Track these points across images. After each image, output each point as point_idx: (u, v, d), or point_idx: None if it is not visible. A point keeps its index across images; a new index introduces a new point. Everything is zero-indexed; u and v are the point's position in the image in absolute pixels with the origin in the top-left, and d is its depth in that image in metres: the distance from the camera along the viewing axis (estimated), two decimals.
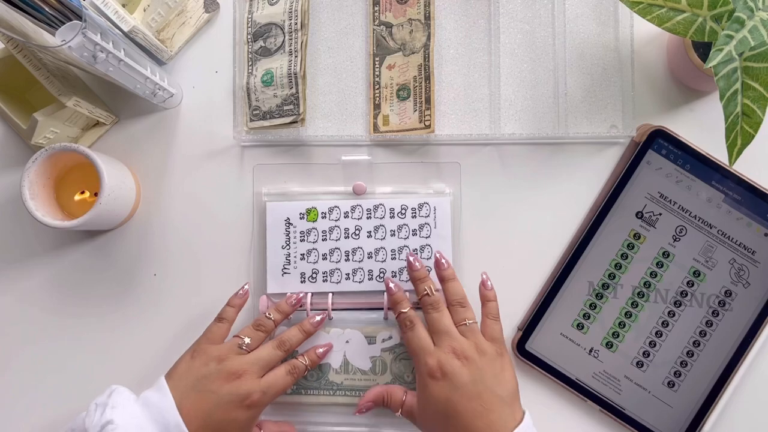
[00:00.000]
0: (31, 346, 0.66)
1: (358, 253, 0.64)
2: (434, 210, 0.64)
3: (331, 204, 0.64)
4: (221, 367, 0.55)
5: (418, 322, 0.58)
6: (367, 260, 0.64)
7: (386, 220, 0.64)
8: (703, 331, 0.63)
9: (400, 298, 0.60)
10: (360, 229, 0.64)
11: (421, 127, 0.64)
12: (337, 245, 0.64)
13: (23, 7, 0.50)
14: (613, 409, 0.62)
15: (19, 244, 0.66)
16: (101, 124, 0.67)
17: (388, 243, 0.64)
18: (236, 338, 0.58)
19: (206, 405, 0.54)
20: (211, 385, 0.54)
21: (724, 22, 0.52)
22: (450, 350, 0.56)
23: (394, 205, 0.64)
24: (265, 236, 0.64)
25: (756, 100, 0.52)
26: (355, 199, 0.64)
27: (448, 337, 0.57)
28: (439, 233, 0.63)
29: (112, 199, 0.60)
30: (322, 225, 0.64)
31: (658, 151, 0.64)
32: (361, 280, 0.64)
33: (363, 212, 0.64)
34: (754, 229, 0.63)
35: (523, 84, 0.66)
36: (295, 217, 0.64)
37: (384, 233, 0.64)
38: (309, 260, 0.64)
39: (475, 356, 0.56)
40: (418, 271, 0.61)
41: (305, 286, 0.64)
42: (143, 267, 0.66)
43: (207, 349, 0.57)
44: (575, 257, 0.64)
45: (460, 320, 0.58)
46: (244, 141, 0.67)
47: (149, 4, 0.65)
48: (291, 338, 0.59)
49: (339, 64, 0.67)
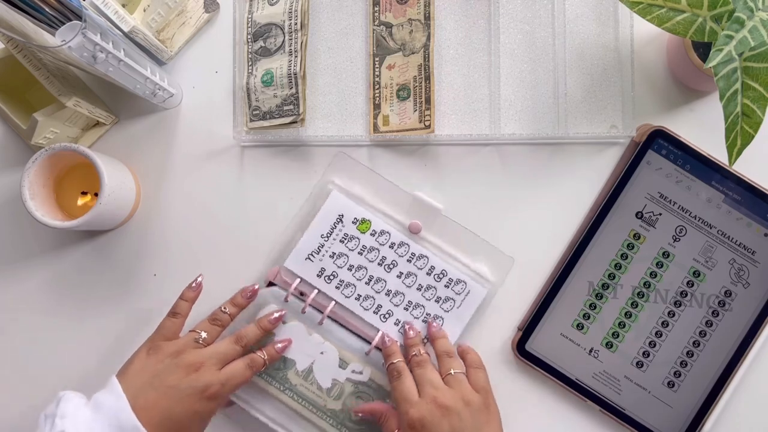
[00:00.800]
0: (31, 347, 0.65)
1: (380, 284, 0.63)
2: (467, 293, 0.63)
3: (386, 227, 0.64)
4: (178, 360, 0.55)
5: (406, 373, 0.58)
6: (384, 296, 0.63)
7: (422, 273, 0.63)
8: (703, 331, 0.63)
9: (394, 350, 0.61)
10: (395, 265, 0.63)
11: (421, 127, 0.64)
12: (367, 265, 0.64)
13: (23, 7, 0.50)
14: (613, 409, 0.62)
15: (18, 244, 0.66)
16: (101, 124, 0.67)
17: (411, 293, 0.63)
18: (192, 333, 0.58)
19: (165, 402, 0.53)
20: (169, 380, 0.54)
21: (724, 22, 0.52)
22: (432, 400, 0.55)
23: (436, 264, 0.63)
24: (313, 217, 0.64)
25: (756, 100, 0.52)
26: (408, 236, 0.64)
27: (432, 388, 0.56)
28: (458, 315, 0.63)
29: (112, 199, 0.60)
30: (367, 240, 0.64)
31: (658, 151, 0.64)
32: (368, 309, 0.63)
33: (407, 252, 0.63)
34: (754, 229, 0.63)
35: (523, 84, 0.66)
36: (348, 218, 0.64)
37: (413, 282, 0.63)
38: (336, 262, 0.64)
39: (459, 407, 0.55)
40: (412, 338, 0.61)
41: (318, 281, 0.63)
42: (143, 267, 0.66)
43: (162, 346, 0.56)
44: (575, 257, 0.64)
45: (446, 370, 0.58)
46: (244, 141, 0.67)
47: (149, 4, 0.65)
48: (248, 334, 0.59)
49: (339, 64, 0.67)
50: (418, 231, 0.63)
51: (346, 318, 0.63)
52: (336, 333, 0.63)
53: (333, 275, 0.64)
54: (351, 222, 0.64)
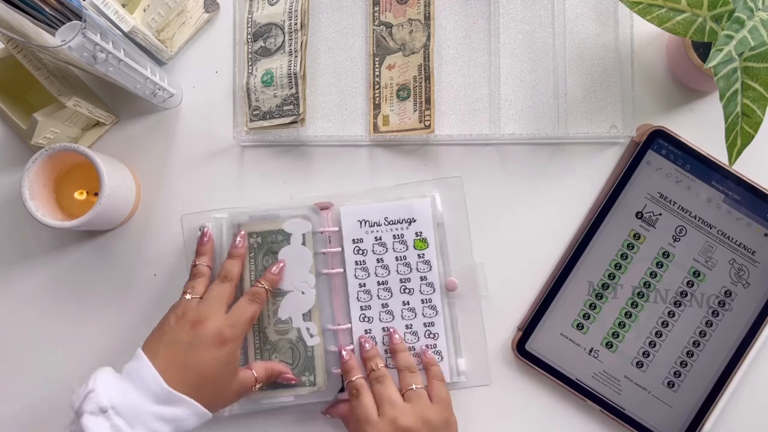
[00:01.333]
0: (30, 347, 0.65)
1: (385, 294, 0.63)
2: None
3: (433, 263, 0.63)
4: (183, 320, 0.56)
5: (365, 391, 0.59)
6: (379, 306, 0.63)
7: (420, 323, 0.63)
8: (703, 332, 0.63)
9: (353, 365, 0.61)
10: (410, 294, 0.63)
11: (421, 127, 0.64)
12: (391, 273, 0.63)
13: (23, 8, 0.50)
14: (613, 409, 0.62)
15: (18, 244, 0.66)
16: (101, 124, 0.67)
17: (398, 324, 0.63)
18: (183, 294, 0.59)
19: (179, 356, 0.54)
20: (179, 337, 0.55)
21: (724, 22, 0.52)
22: (392, 421, 0.55)
23: (438, 330, 0.63)
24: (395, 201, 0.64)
25: (756, 100, 0.52)
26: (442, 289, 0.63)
27: (391, 407, 0.56)
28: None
29: (112, 199, 0.60)
30: (411, 256, 0.63)
31: (658, 151, 0.64)
32: (359, 301, 0.63)
33: (428, 299, 0.63)
34: (754, 229, 0.63)
35: (523, 84, 0.66)
36: (417, 227, 0.63)
37: (409, 318, 0.63)
38: (374, 246, 0.63)
39: (418, 426, 0.56)
40: (368, 351, 0.62)
41: (349, 245, 0.63)
42: (143, 267, 0.66)
43: (168, 316, 0.58)
44: (575, 257, 0.64)
45: (407, 385, 0.59)
46: (244, 141, 0.67)
47: (149, 4, 0.65)
48: (230, 268, 0.60)
49: (339, 64, 0.67)
50: (453, 289, 0.63)
51: (338, 290, 0.63)
52: (324, 292, 0.63)
53: (363, 252, 0.63)
54: (415, 232, 0.63)
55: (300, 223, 0.63)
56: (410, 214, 0.63)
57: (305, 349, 0.62)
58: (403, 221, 0.64)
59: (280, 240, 0.63)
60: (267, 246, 0.63)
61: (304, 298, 0.62)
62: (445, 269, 0.64)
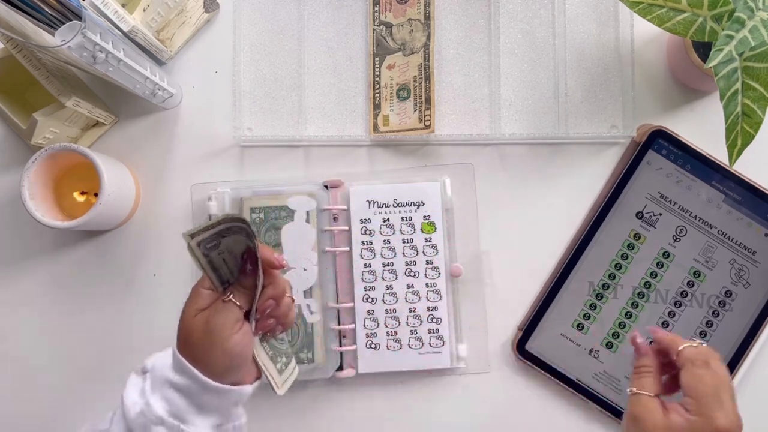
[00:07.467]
0: (30, 347, 0.65)
1: (390, 276, 0.63)
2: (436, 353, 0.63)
3: (440, 247, 0.63)
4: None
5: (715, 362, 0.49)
6: (383, 287, 0.63)
7: (423, 307, 0.63)
8: (703, 332, 0.63)
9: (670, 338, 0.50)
10: (415, 277, 0.63)
11: (421, 127, 0.64)
12: (397, 255, 0.63)
13: (23, 8, 0.50)
14: (613, 409, 0.62)
15: (18, 244, 0.66)
16: (101, 124, 0.67)
17: (400, 308, 0.63)
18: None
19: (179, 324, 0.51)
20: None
21: (724, 22, 0.52)
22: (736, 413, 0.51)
23: (441, 314, 0.63)
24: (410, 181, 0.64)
25: (756, 100, 0.52)
26: (447, 275, 0.64)
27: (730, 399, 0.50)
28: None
29: (112, 199, 0.60)
30: (418, 239, 0.63)
31: (659, 151, 0.64)
32: (363, 281, 0.63)
33: (433, 283, 0.63)
34: (754, 229, 0.63)
35: (523, 84, 0.66)
36: (425, 210, 0.63)
37: (412, 302, 0.63)
38: (382, 227, 0.63)
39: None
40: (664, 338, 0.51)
41: (357, 224, 0.63)
42: (143, 267, 0.66)
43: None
44: (575, 257, 0.64)
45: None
46: (244, 141, 0.67)
47: (149, 4, 0.65)
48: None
49: (339, 64, 0.67)
50: (458, 275, 0.63)
51: (342, 268, 0.64)
52: (327, 270, 0.63)
53: (370, 233, 0.63)
54: (424, 216, 0.64)
55: (305, 201, 0.63)
56: (420, 197, 0.64)
57: (305, 325, 0.62)
58: (412, 204, 0.64)
59: (283, 216, 0.63)
60: (270, 222, 0.62)
61: (306, 275, 0.62)
62: (451, 255, 0.64)
